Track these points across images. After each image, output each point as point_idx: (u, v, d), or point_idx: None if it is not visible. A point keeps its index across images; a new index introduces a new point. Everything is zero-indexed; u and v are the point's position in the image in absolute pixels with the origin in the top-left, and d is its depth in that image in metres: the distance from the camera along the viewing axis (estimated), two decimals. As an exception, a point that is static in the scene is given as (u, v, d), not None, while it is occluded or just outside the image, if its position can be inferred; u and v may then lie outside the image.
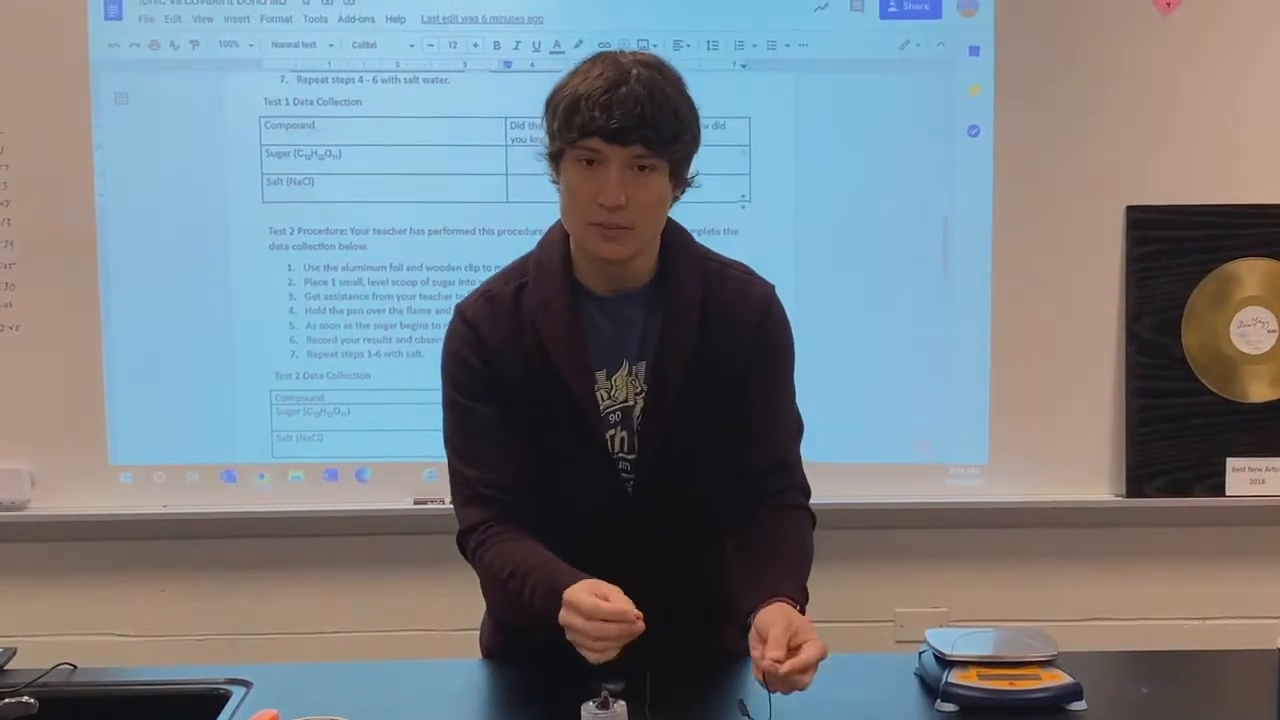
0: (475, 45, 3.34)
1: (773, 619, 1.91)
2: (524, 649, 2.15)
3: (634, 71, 1.93)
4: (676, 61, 2.04)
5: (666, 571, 2.12)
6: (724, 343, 2.09)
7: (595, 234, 1.98)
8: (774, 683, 1.85)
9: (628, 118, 1.90)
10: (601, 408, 2.07)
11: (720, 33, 3.33)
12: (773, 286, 2.17)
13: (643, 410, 2.08)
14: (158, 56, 3.32)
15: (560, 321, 2.04)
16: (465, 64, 3.35)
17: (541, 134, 2.04)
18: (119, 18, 3.31)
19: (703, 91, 1.97)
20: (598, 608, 1.84)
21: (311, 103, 3.34)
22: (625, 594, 1.93)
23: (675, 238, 2.11)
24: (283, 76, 3.34)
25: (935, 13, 3.38)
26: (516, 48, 3.35)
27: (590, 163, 1.94)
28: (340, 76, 3.34)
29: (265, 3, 3.32)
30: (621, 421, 2.08)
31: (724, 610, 2.23)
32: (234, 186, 3.35)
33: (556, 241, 2.10)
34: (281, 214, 3.36)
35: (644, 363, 2.08)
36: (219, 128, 3.34)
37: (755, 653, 1.90)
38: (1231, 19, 3.38)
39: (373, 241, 3.37)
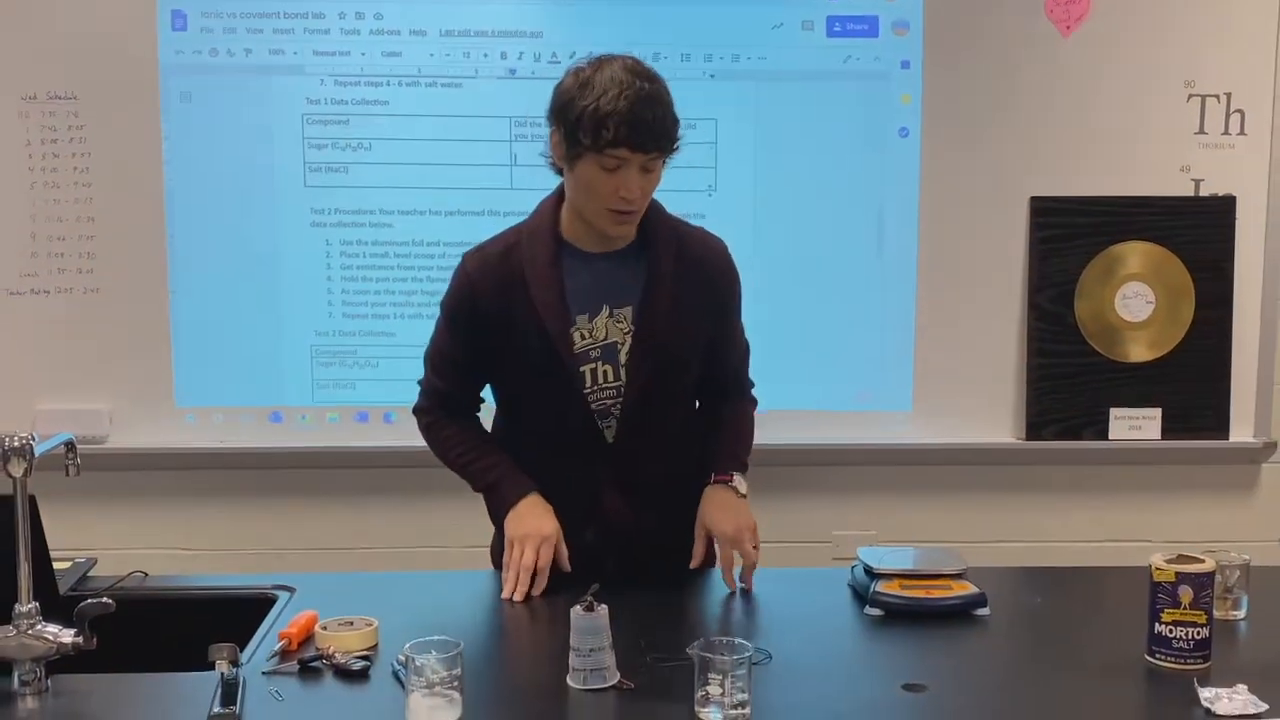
0: (485, 55, 3.32)
1: (713, 519, 2.19)
2: None
3: (641, 86, 1.98)
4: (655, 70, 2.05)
5: (642, 486, 2.21)
6: (697, 289, 2.17)
7: (611, 219, 2.06)
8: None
9: (648, 132, 1.98)
10: (579, 345, 2.12)
11: (692, 46, 3.31)
12: (726, 243, 2.27)
13: (630, 347, 2.13)
14: (216, 62, 3.29)
15: (543, 272, 2.11)
16: (477, 71, 3.32)
17: (545, 130, 2.07)
18: (184, 29, 3.28)
19: (676, 96, 1.99)
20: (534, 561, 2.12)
21: (346, 103, 3.32)
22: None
23: (652, 208, 2.16)
24: (322, 80, 3.31)
25: (873, 32, 3.37)
26: (520, 58, 3.33)
27: (612, 167, 2.00)
28: (371, 80, 3.31)
29: (308, 17, 3.29)
30: (602, 356, 2.13)
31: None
32: (280, 173, 3.33)
33: (547, 211, 2.17)
34: (321, 197, 3.34)
35: (629, 306, 2.13)
36: (268, 123, 3.31)
37: (699, 543, 2.21)
38: (1119, 41, 3.38)
39: (398, 221, 3.36)
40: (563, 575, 2.14)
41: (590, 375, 2.13)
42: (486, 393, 2.31)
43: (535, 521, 2.15)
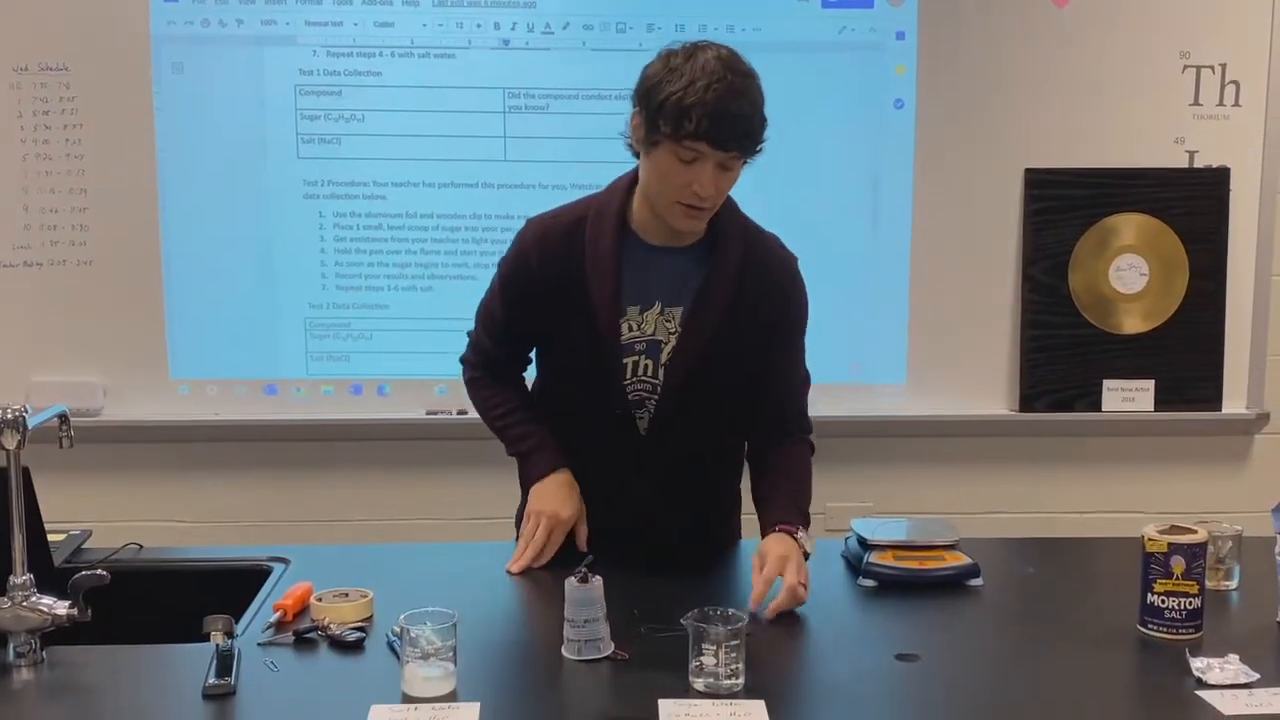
0: (478, 26, 3.30)
1: (768, 549, 2.00)
2: None
3: (731, 81, 1.90)
4: (649, 41, 2.00)
5: (671, 478, 2.19)
6: (756, 300, 2.10)
7: (680, 211, 1.98)
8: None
9: (734, 130, 1.90)
10: (625, 336, 2.07)
11: (686, 17, 3.27)
12: (797, 257, 2.19)
13: (673, 349, 2.08)
14: (208, 33, 3.26)
15: (603, 259, 2.04)
16: (470, 42, 3.30)
17: (625, 111, 2.01)
18: (175, -1, 3.26)
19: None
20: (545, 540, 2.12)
21: (339, 74, 3.30)
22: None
23: (726, 206, 2.08)
24: (314, 51, 3.29)
25: (868, 3, 3.34)
26: (513, 28, 3.30)
27: (689, 160, 1.92)
28: (364, 51, 3.29)
29: (299, -13, 3.27)
30: (646, 351, 2.09)
31: (723, 513, 2.27)
32: (273, 145, 3.31)
33: (619, 192, 2.09)
34: (314, 169, 3.32)
35: (680, 308, 2.07)
36: (260, 94, 3.29)
37: (755, 576, 1.97)
38: (1114, 11, 3.36)
39: (391, 193, 3.34)
40: (567, 550, 2.14)
41: (631, 367, 2.10)
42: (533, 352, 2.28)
43: (556, 501, 2.14)
